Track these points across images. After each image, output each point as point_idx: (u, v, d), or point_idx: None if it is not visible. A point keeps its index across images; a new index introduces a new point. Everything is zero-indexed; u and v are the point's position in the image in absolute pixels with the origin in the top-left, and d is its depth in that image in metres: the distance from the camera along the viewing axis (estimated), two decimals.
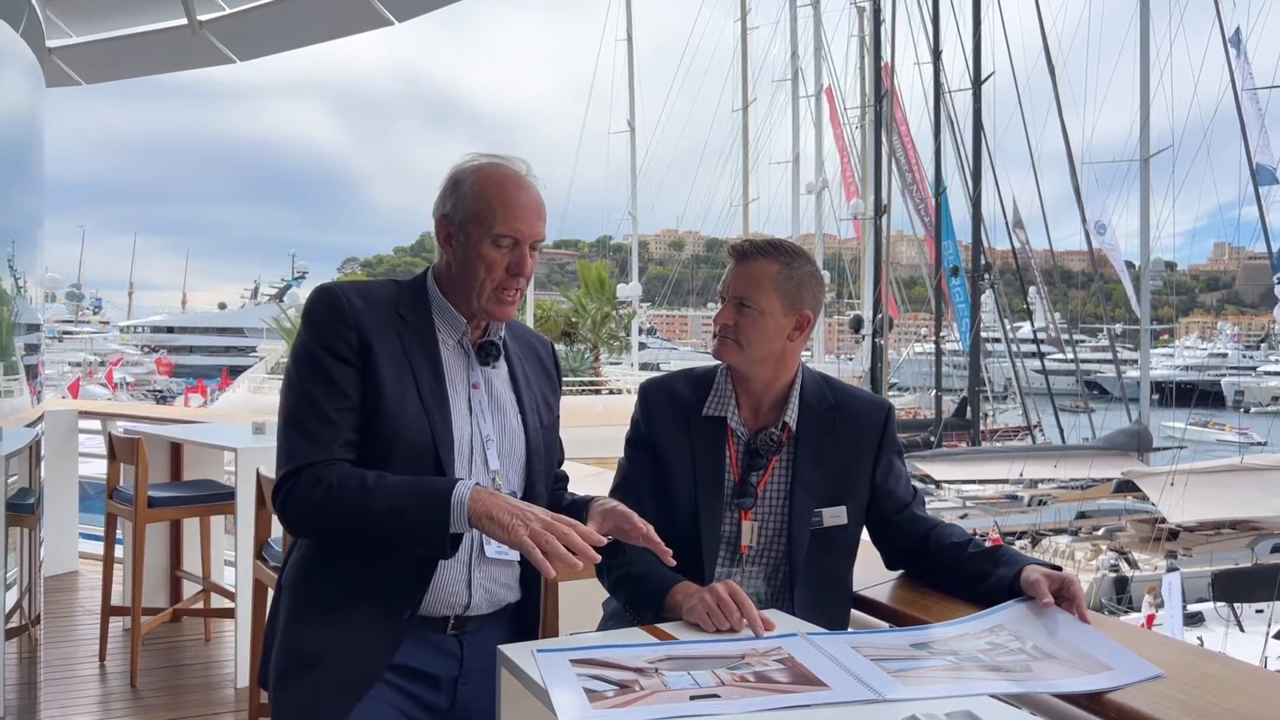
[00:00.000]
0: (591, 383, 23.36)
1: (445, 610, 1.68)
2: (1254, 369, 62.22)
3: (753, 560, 1.90)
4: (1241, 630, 13.59)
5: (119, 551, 4.29)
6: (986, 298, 27.62)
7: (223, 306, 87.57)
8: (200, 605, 4.53)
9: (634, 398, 2.05)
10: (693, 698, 1.27)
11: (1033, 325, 27.80)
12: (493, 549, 1.70)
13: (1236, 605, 14.10)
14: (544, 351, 1.96)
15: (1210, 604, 14.38)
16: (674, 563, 1.63)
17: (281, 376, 2.02)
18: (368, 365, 1.64)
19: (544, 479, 1.83)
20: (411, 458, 1.62)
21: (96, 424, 5.75)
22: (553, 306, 25.87)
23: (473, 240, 1.69)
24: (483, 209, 1.69)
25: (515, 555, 1.74)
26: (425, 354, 1.70)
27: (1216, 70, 21.65)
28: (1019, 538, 18.61)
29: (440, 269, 1.78)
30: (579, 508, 1.76)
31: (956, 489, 21.39)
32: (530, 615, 1.83)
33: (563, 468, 2.00)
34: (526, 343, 1.92)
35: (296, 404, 1.64)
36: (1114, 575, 16.09)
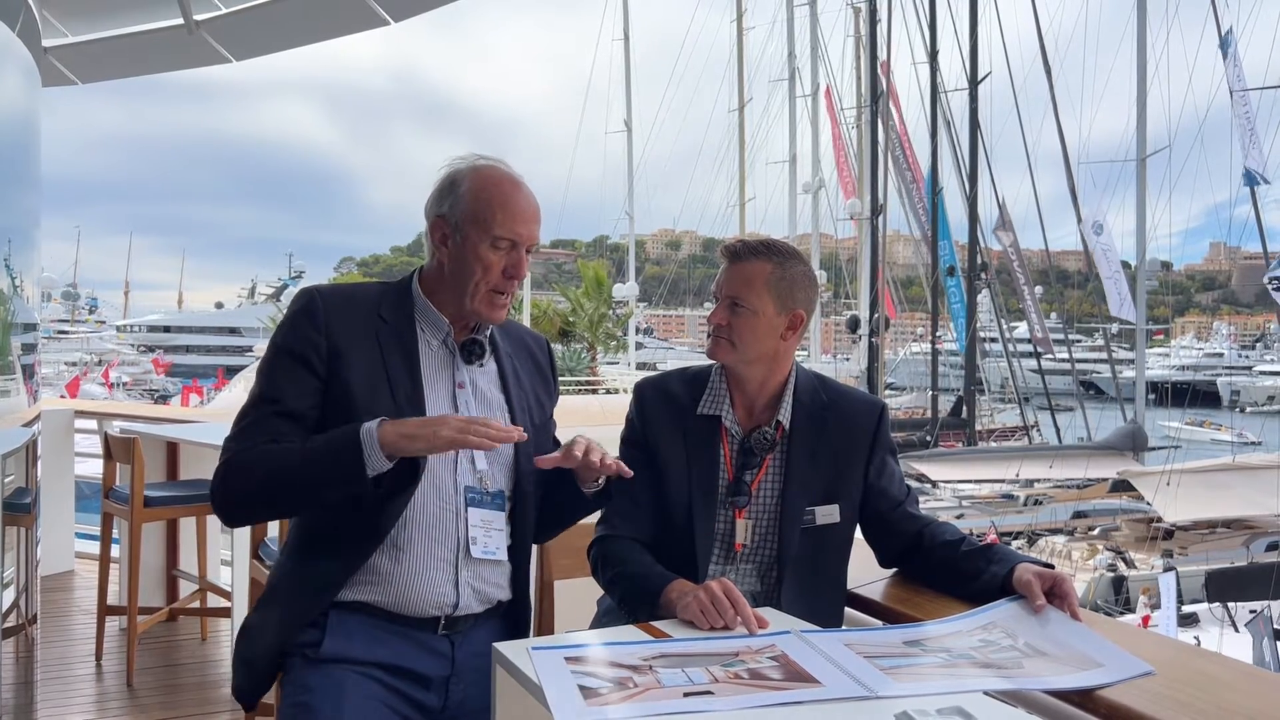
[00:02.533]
0: (588, 382, 23.35)
1: (434, 610, 1.68)
2: (1249, 369, 62.33)
3: (746, 558, 1.91)
4: (1236, 630, 13.61)
5: (115, 551, 4.28)
6: (983, 298, 27.65)
7: (219, 306, 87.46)
8: (196, 605, 4.53)
9: (630, 397, 2.06)
10: (687, 694, 1.28)
11: (1030, 326, 27.86)
12: (478, 549, 1.70)
13: (1231, 605, 14.13)
14: (538, 349, 1.95)
15: (1205, 605, 14.41)
16: (630, 473, 1.70)
17: None
18: (335, 371, 1.65)
19: (533, 479, 1.81)
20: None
21: (93, 423, 5.74)
22: (550, 306, 25.84)
23: (470, 241, 1.69)
24: (482, 210, 1.69)
25: (503, 555, 1.75)
26: (402, 355, 1.70)
27: (1212, 71, 21.74)
28: (1015, 537, 18.66)
29: (429, 270, 1.77)
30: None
31: (952, 489, 21.43)
32: (522, 613, 1.84)
33: None
34: (520, 340, 1.91)
35: (247, 404, 1.69)
36: (1111, 575, 16.12)
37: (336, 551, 1.65)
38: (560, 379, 2.10)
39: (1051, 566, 1.75)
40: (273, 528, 3.32)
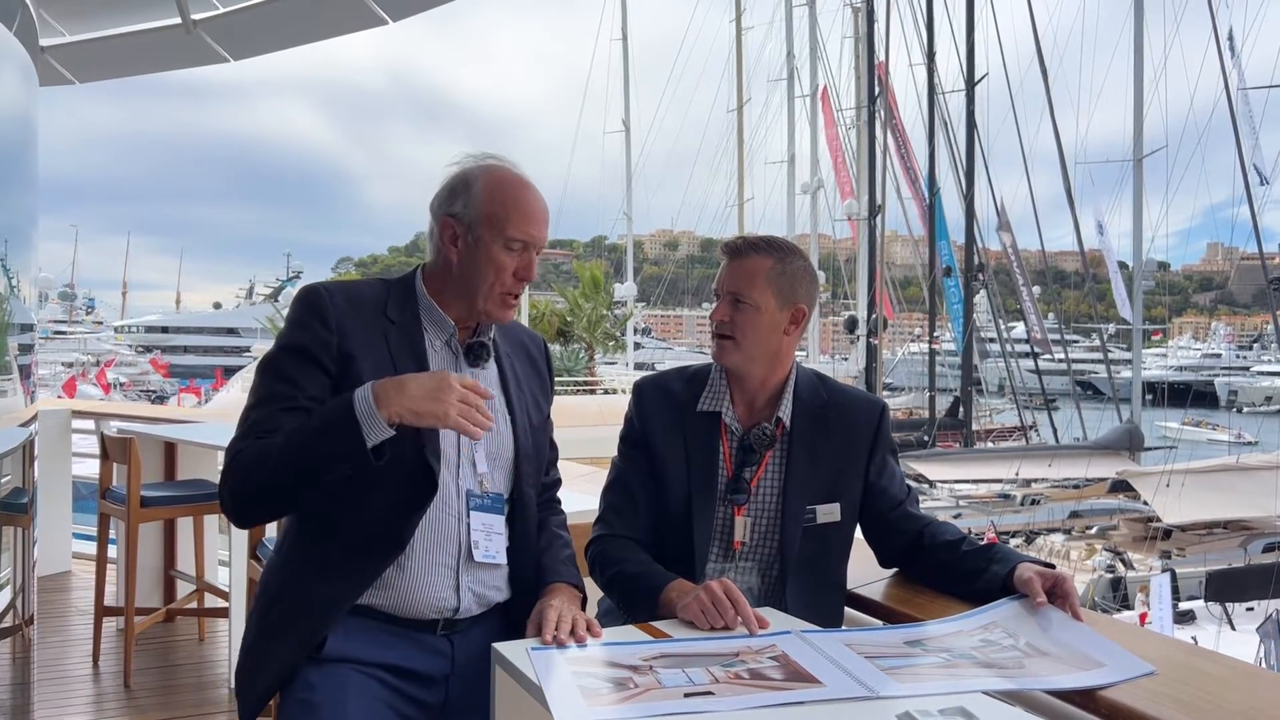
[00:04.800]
0: (587, 383, 23.33)
1: (434, 614, 1.68)
2: (1247, 369, 62.44)
3: (746, 556, 1.90)
4: (1233, 629, 13.63)
5: (112, 551, 4.28)
6: (980, 298, 27.66)
7: (217, 306, 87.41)
8: (194, 605, 4.52)
9: (629, 397, 2.06)
10: (687, 695, 1.27)
11: (1027, 326, 27.89)
12: (480, 553, 1.70)
13: (1228, 604, 14.15)
14: (535, 349, 1.94)
15: (1201, 602, 14.43)
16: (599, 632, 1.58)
17: None
18: (346, 371, 1.63)
19: (532, 480, 1.82)
20: (395, 462, 1.58)
21: (90, 424, 5.73)
22: (548, 306, 25.83)
23: (484, 242, 1.69)
24: (497, 211, 1.69)
25: (503, 558, 1.75)
26: (412, 357, 1.69)
27: (1210, 71, 21.78)
28: (1012, 537, 18.67)
29: (434, 268, 1.77)
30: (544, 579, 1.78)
31: (950, 489, 21.44)
32: (520, 612, 1.83)
33: (557, 466, 2.00)
34: (517, 340, 1.91)
35: (252, 403, 1.65)
36: (1110, 576, 16.12)
37: (354, 567, 1.63)
38: (558, 379, 2.10)
39: (1052, 566, 1.75)
40: (271, 528, 3.31)
